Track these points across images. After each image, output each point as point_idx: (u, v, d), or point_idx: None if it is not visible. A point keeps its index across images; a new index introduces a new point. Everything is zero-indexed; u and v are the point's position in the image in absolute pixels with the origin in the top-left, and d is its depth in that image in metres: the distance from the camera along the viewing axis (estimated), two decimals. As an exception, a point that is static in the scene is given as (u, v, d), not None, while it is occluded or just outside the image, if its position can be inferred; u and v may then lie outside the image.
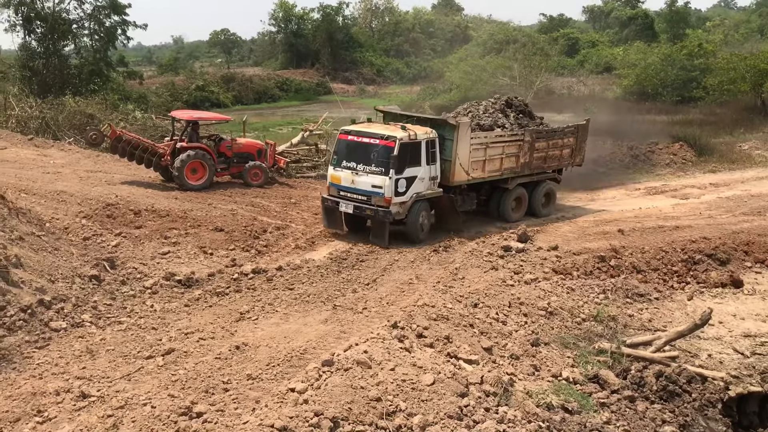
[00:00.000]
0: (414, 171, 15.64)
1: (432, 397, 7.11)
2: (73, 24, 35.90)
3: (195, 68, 67.01)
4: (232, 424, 6.40)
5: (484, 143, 16.80)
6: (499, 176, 17.56)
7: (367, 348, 7.89)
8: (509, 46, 54.82)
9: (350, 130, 16.28)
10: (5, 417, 6.86)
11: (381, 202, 15.30)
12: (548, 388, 8.28)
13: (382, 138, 15.43)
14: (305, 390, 6.74)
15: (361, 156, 15.73)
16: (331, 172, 16.30)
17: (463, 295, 10.73)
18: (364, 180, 15.53)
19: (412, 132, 15.62)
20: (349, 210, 15.77)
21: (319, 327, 10.09)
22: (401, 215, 15.58)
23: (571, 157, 19.41)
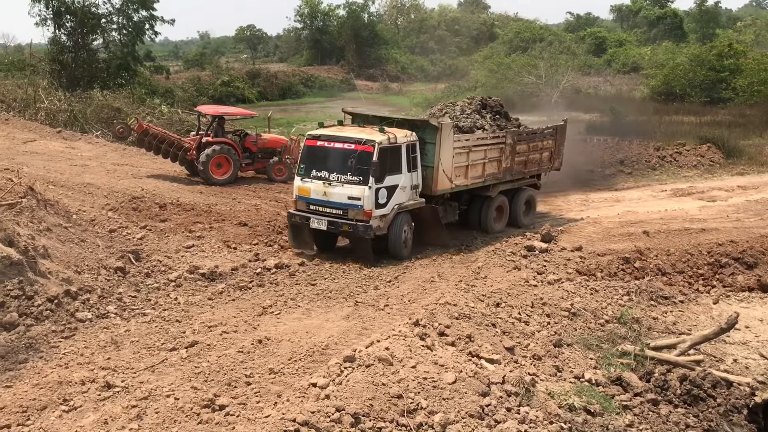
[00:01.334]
0: (395, 179, 14.11)
1: (453, 395, 7.09)
2: (102, 18, 36.27)
3: (221, 64, 67.34)
4: (254, 417, 6.44)
5: (467, 147, 15.49)
6: (482, 183, 16.29)
7: (388, 345, 7.89)
8: (535, 45, 54.47)
9: (319, 135, 14.41)
10: (32, 405, 6.97)
11: (360, 215, 13.68)
12: (570, 390, 8.23)
13: (358, 142, 13.72)
14: (327, 385, 6.76)
15: (334, 164, 13.99)
16: (297, 183, 14.40)
17: (485, 294, 10.69)
18: (338, 191, 13.81)
19: (392, 135, 14.07)
20: (322, 226, 13.99)
21: (340, 323, 10.12)
22: (382, 230, 14.00)
23: (549, 161, 18.34)
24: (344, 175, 13.80)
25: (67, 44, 35.03)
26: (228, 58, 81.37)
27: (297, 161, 18.26)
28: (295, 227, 14.50)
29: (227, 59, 78.88)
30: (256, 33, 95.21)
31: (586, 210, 19.03)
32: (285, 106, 51.55)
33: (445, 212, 15.93)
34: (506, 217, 17.25)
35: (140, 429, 6.29)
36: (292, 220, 14.44)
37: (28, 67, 35.27)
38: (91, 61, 35.24)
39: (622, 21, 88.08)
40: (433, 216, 15.20)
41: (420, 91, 55.39)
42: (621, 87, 49.38)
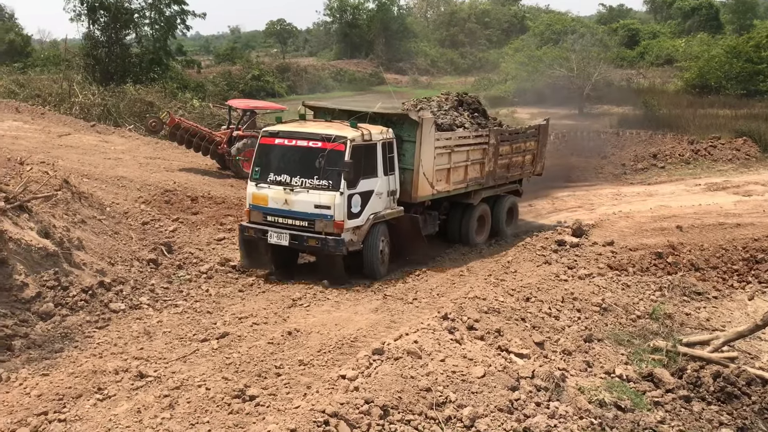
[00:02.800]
0: (370, 184, 12.16)
1: (482, 389, 7.08)
2: (135, 13, 36.70)
3: (251, 58, 67.75)
4: (284, 408, 6.50)
5: (449, 147, 13.72)
6: (465, 189, 14.47)
7: (417, 338, 7.89)
8: (567, 37, 53.83)
9: (279, 132, 12.33)
10: (68, 393, 7.11)
11: (330, 227, 11.64)
12: (601, 385, 8.15)
13: (327, 139, 11.76)
14: (356, 377, 6.79)
15: (297, 166, 11.96)
16: (252, 190, 12.26)
17: (515, 289, 10.63)
18: (303, 199, 11.76)
19: (366, 131, 12.16)
20: (283, 242, 11.88)
21: (369, 316, 10.16)
22: (356, 244, 11.99)
23: (532, 165, 16.77)
24: (310, 179, 11.79)
25: (101, 39, 35.52)
26: (258, 53, 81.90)
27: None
28: (249, 243, 12.30)
29: (257, 53, 79.39)
30: (286, 27, 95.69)
31: (618, 204, 18.80)
32: (314, 99, 51.74)
33: (425, 223, 13.87)
34: (488, 227, 15.61)
35: (172, 418, 6.39)
36: (244, 234, 12.24)
37: (63, 62, 35.85)
38: (124, 56, 35.69)
39: (656, 12, 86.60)
40: (413, 227, 13.26)
41: (450, 84, 55.13)
42: (654, 80, 48.67)
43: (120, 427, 6.29)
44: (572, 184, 22.85)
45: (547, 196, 20.45)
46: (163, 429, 6.17)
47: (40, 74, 34.08)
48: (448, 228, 15.03)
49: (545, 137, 17.37)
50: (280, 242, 11.94)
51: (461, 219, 14.99)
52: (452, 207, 14.99)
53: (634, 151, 26.47)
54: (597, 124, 33.82)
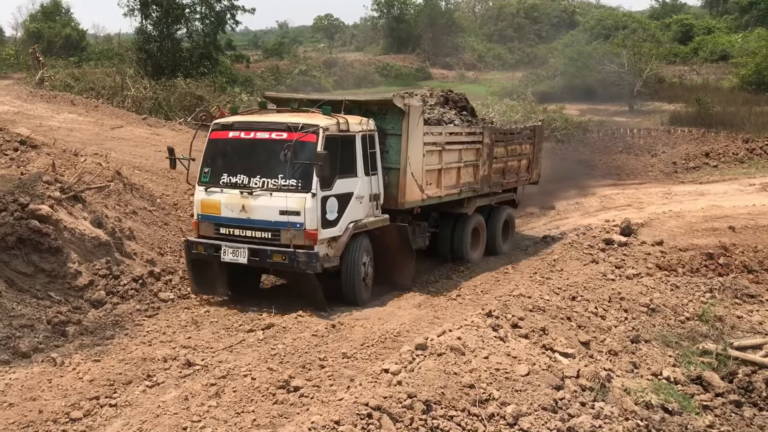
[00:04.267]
0: (348, 184, 10.19)
1: (526, 387, 7.02)
2: (186, 8, 37.32)
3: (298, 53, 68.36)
4: (327, 399, 6.56)
5: (440, 144, 11.96)
6: (457, 195, 12.66)
7: (460, 335, 7.87)
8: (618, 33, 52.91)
9: (233, 123, 10.38)
10: (119, 379, 7.30)
11: (300, 238, 9.57)
12: (647, 387, 8.01)
13: (293, 129, 9.71)
14: (399, 372, 6.81)
15: (257, 163, 9.97)
16: (200, 196, 10.22)
17: (560, 288, 10.51)
18: (265, 204, 9.69)
19: (342, 119, 10.20)
20: (240, 259, 9.78)
21: (412, 311, 10.18)
22: (332, 260, 9.99)
23: (527, 171, 15.19)
24: (273, 178, 9.72)
25: (153, 34, 36.21)
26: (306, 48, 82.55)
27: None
28: (198, 263, 10.23)
29: (305, 48, 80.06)
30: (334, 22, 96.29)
31: (669, 203, 18.41)
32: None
33: (414, 235, 11.81)
34: (483, 242, 13.80)
35: (219, 406, 6.51)
36: (192, 251, 10.16)
37: (116, 56, 36.73)
38: (175, 51, 36.33)
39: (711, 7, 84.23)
40: (401, 240, 11.10)
41: (497, 79, 54.71)
42: (708, 76, 47.47)
43: (168, 413, 6.44)
44: (621, 182, 22.48)
45: (595, 194, 20.15)
46: (209, 417, 6.29)
47: (94, 68, 34.95)
48: (438, 242, 13.07)
49: (541, 141, 15.84)
50: (237, 260, 9.76)
51: (453, 232, 13.10)
52: (442, 218, 13.13)
53: (686, 150, 25.91)
54: (648, 122, 33.21)
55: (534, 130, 15.53)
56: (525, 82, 46.25)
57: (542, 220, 18.07)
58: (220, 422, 6.20)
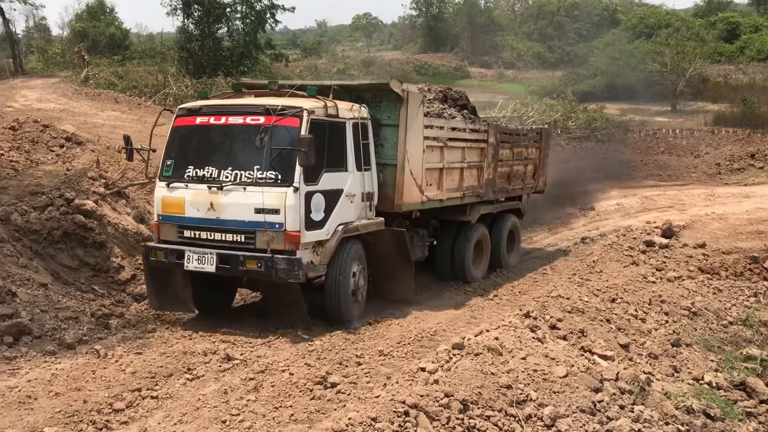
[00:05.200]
0: (337, 180, 8.91)
1: (564, 389, 6.96)
2: (227, 8, 37.78)
3: (336, 52, 68.69)
4: (364, 396, 6.59)
5: (441, 139, 10.83)
6: (460, 200, 11.46)
7: (498, 335, 7.83)
8: (661, 31, 51.96)
9: (201, 108, 9.00)
10: (160, 371, 7.44)
11: (279, 242, 8.22)
12: (688, 391, 7.87)
13: (272, 112, 8.31)
14: (435, 370, 6.80)
15: (228, 153, 8.66)
16: (161, 193, 8.91)
17: (600, 289, 10.38)
18: (237, 200, 8.35)
19: (330, 103, 8.87)
20: (207, 267, 8.43)
21: (449, 310, 10.17)
22: (318, 269, 8.68)
23: (533, 178, 14.13)
24: (248, 170, 8.34)
25: (195, 33, 36.74)
26: (344, 47, 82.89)
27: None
28: (159, 273, 8.97)
29: (343, 47, 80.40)
30: (372, 21, 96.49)
31: (712, 205, 18.06)
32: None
33: (413, 244, 10.55)
34: (487, 255, 12.55)
35: (257, 401, 6.59)
36: (150, 259, 8.88)
37: (158, 54, 37.31)
38: (216, 49, 36.81)
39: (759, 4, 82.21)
40: (399, 247, 9.75)
41: (536, 78, 54.23)
42: (755, 76, 46.28)
43: (208, 406, 6.54)
44: (663, 183, 22.13)
45: (636, 195, 19.86)
46: (248, 411, 6.37)
47: (137, 66, 35.57)
48: (436, 255, 11.79)
49: (548, 145, 14.76)
50: (203, 268, 8.38)
51: (454, 243, 11.76)
52: (442, 227, 11.86)
53: (730, 151, 25.38)
54: (691, 122, 32.58)
55: (541, 133, 14.49)
56: (565, 81, 45.75)
57: (581, 221, 17.90)
58: (259, 416, 6.27)
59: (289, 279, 8.24)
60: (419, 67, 64.23)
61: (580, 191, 19.37)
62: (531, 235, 16.60)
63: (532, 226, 16.88)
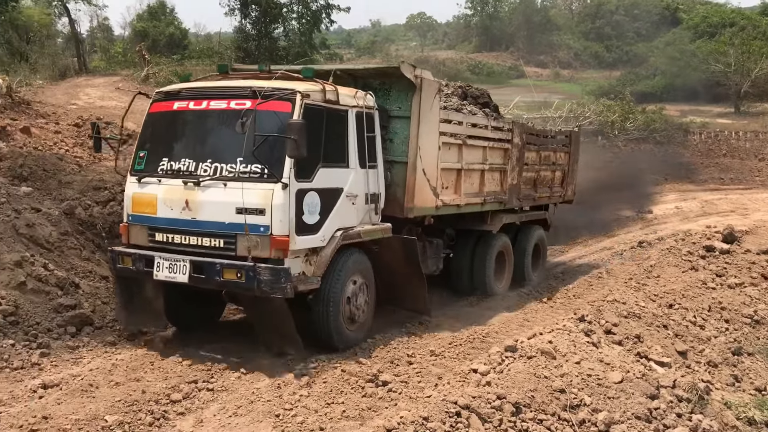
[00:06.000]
0: (335, 177, 7.75)
1: (619, 395, 6.84)
2: (284, 8, 38.27)
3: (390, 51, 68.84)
4: (415, 396, 6.60)
5: (460, 136, 9.72)
6: (480, 206, 10.39)
7: (551, 338, 7.74)
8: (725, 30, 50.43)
9: (180, 90, 7.89)
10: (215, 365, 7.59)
11: (263, 248, 7.06)
12: (750, 402, 7.63)
13: (257, 95, 7.14)
14: (488, 372, 6.76)
15: (208, 143, 7.56)
16: (132, 189, 7.83)
17: (657, 294, 10.15)
18: (215, 198, 7.21)
19: (330, 87, 7.73)
20: (178, 276, 7.29)
21: (502, 312, 10.09)
22: (311, 280, 7.43)
23: (561, 186, 12.99)
24: (229, 163, 7.18)
25: (251, 33, 37.33)
26: (398, 46, 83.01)
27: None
28: (127, 282, 7.90)
29: (397, 47, 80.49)
30: (426, 20, 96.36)
31: (777, 210, 17.46)
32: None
33: (425, 255, 9.51)
34: (510, 269, 11.57)
35: (309, 396, 6.67)
36: (118, 266, 7.80)
37: (215, 54, 38.01)
38: (272, 49, 37.30)
39: (831, 2, 79.05)
40: (408, 259, 8.60)
41: (593, 78, 53.34)
42: (824, 76, 44.57)
43: (262, 400, 6.65)
44: (724, 187, 21.50)
45: (696, 198, 19.36)
46: (300, 406, 6.45)
47: (195, 65, 36.33)
48: (453, 268, 10.74)
49: (577, 151, 13.49)
50: (175, 278, 7.25)
51: (473, 255, 10.73)
52: (460, 237, 10.75)
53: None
54: (755, 124, 31.58)
55: (570, 136, 13.34)
56: (623, 82, 44.86)
57: (638, 225, 17.53)
58: (311, 411, 6.35)
59: (274, 293, 6.96)
60: (473, 66, 63.90)
61: (637, 194, 18.95)
62: (586, 237, 16.35)
63: (587, 228, 16.61)
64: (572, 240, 16.06)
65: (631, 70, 50.86)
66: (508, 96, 41.17)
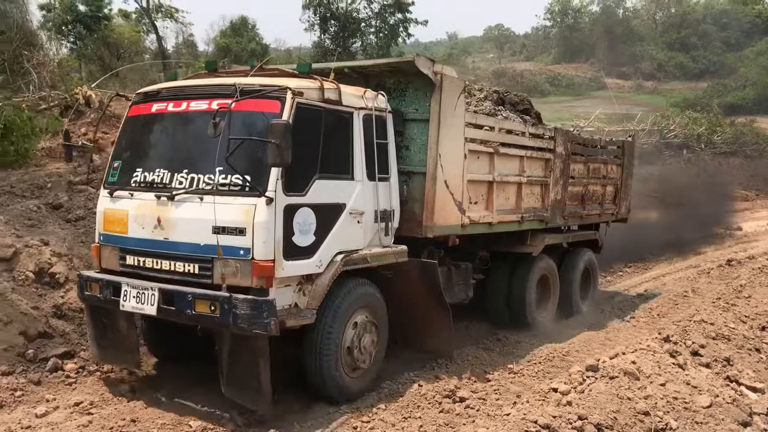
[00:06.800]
0: (336, 190, 6.62)
1: (708, 420, 6.56)
2: (362, 23, 38.85)
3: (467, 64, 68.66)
4: (494, 413, 6.52)
5: (491, 143, 8.50)
6: (517, 224, 9.14)
7: (635, 359, 7.51)
8: (822, 39, 48.09)
9: (160, 90, 6.93)
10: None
11: (243, 275, 5.93)
12: None
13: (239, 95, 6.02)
14: (568, 392, 6.62)
15: (184, 153, 6.53)
16: (104, 204, 6.82)
17: (748, 316, 9.70)
18: (190, 215, 6.13)
19: (330, 85, 6.65)
20: (146, 308, 6.20)
21: (582, 330, 9.87)
22: (303, 315, 6.24)
23: (614, 203, 11.71)
24: (207, 173, 6.10)
25: (330, 47, 38.02)
26: (474, 58, 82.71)
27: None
28: (99, 312, 6.83)
29: (473, 59, 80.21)
30: (504, 32, 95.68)
31: None
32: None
33: (450, 281, 8.38)
34: (556, 297, 10.36)
35: (387, 410, 6.68)
36: (85, 293, 6.75)
37: (296, 68, 38.93)
38: (350, 63, 37.89)
39: None
40: (428, 287, 7.44)
41: (678, 90, 51.68)
42: None
43: (339, 411, 6.70)
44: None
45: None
46: (378, 419, 6.48)
47: (276, 80, 37.28)
48: (488, 295, 9.60)
49: (632, 163, 12.15)
50: (143, 309, 6.20)
51: (511, 280, 9.59)
52: (495, 259, 9.54)
53: None
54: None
55: (623, 147, 11.99)
56: (710, 93, 43.32)
57: (727, 242, 16.84)
58: (388, 425, 6.36)
59: (254, 330, 5.74)
60: (552, 78, 63.07)
61: (725, 210, 18.22)
62: (671, 255, 15.83)
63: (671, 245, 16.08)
64: (655, 258, 15.57)
65: (718, 81, 49.03)
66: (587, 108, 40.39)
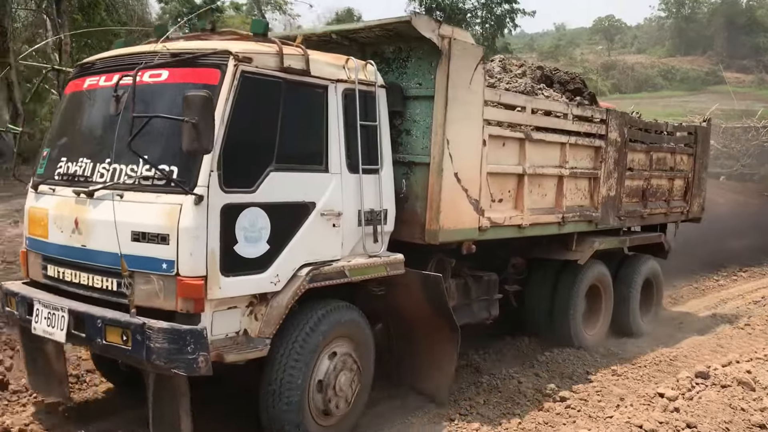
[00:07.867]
0: (302, 184, 5.14)
1: (831, 438, 6.14)
2: (468, 13, 38.47)
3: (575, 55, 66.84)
4: (595, 415, 6.36)
5: (520, 126, 6.84)
6: (557, 227, 7.55)
7: (750, 368, 7.13)
8: None
9: (95, 62, 5.54)
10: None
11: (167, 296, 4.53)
12: None
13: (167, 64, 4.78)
14: (676, 398, 6.36)
15: (110, 137, 4.84)
16: (30, 202, 5.58)
17: None
18: (108, 217, 4.62)
19: (294, 50, 5.10)
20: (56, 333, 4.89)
21: (693, 335, 9.46)
22: (253, 345, 4.79)
23: (683, 199, 9.85)
24: (129, 164, 4.75)
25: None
26: (583, 50, 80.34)
27: None
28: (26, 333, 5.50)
29: (582, 51, 77.94)
30: (615, 23, 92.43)
31: None
32: (640, 99, 49.26)
33: (468, 296, 7.01)
34: (609, 312, 8.80)
35: (485, 404, 6.65)
36: (6, 309, 5.61)
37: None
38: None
39: None
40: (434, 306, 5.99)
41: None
42: None
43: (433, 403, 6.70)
44: None
45: None
46: (476, 412, 6.47)
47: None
48: (527, 309, 8.22)
49: (706, 153, 10.26)
50: (52, 334, 4.97)
51: (554, 292, 8.20)
52: (533, 268, 8.19)
53: None
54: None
55: (695, 133, 10.00)
56: None
57: None
58: (486, 419, 6.33)
59: (174, 369, 4.41)
60: (665, 71, 60.53)
61: None
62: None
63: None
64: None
65: None
66: (703, 104, 38.43)
